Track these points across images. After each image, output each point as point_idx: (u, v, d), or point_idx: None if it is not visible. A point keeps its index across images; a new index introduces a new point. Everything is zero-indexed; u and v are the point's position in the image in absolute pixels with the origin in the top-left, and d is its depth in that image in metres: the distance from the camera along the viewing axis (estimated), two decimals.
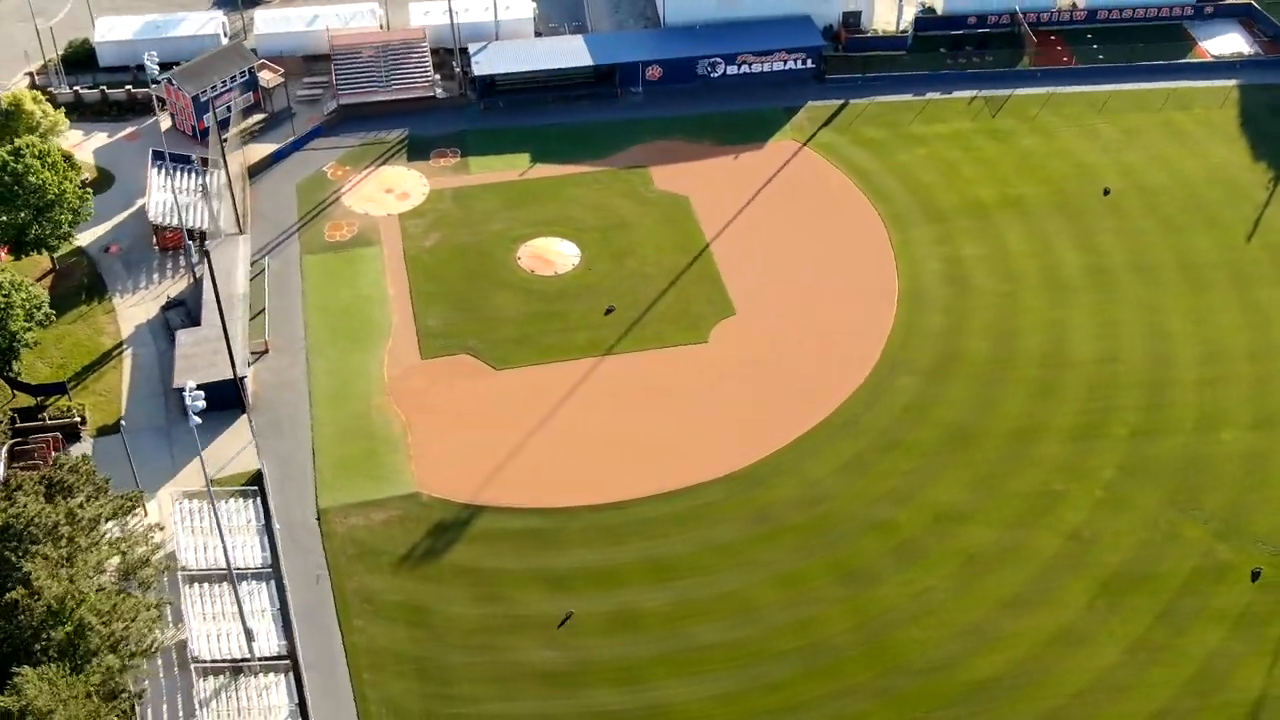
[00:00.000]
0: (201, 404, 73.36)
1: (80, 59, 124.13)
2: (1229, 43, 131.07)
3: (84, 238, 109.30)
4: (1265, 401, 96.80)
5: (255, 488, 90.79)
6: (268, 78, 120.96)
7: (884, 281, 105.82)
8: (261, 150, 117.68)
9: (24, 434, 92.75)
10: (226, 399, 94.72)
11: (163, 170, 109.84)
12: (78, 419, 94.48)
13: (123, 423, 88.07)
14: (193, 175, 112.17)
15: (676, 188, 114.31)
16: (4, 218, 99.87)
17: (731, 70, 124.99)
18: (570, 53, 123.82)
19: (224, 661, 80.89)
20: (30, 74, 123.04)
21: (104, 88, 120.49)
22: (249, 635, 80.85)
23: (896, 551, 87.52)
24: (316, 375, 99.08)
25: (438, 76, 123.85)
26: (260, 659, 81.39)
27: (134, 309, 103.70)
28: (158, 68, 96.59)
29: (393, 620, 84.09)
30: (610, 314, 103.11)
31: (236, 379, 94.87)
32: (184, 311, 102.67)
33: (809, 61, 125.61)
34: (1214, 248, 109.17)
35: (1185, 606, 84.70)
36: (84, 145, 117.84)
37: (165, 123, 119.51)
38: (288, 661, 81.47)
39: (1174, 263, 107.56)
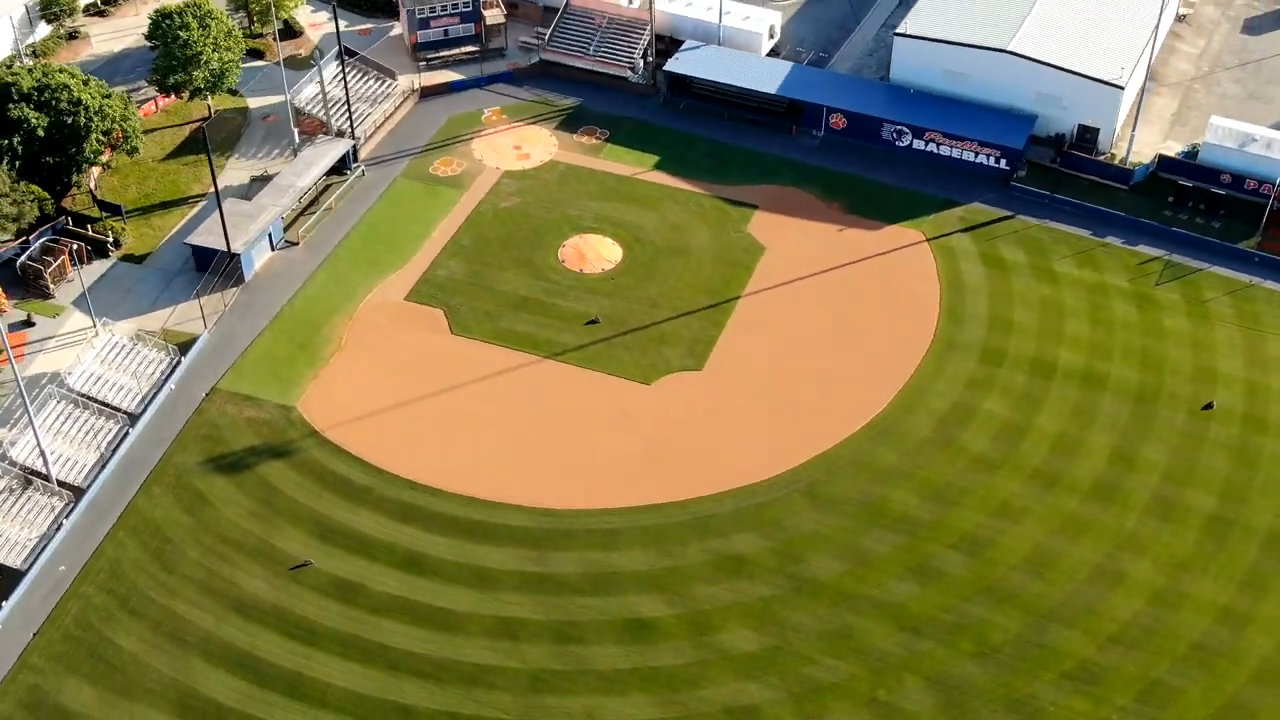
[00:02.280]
0: None
1: None
2: None
3: (256, 101, 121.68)
4: (1166, 693, 79.99)
5: (177, 348, 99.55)
6: (491, 14, 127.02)
7: (871, 401, 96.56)
8: (446, 77, 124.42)
9: (65, 235, 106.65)
10: (218, 267, 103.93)
11: (331, 65, 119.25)
12: (110, 240, 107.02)
13: (70, 278, 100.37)
14: (359, 77, 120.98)
15: (763, 236, 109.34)
16: (159, 61, 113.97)
17: (917, 144, 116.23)
18: (762, 77, 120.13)
19: (23, 469, 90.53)
20: None
21: None
22: (43, 456, 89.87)
23: (628, 648, 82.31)
24: (315, 279, 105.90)
25: (642, 62, 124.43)
26: (57, 482, 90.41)
27: (237, 172, 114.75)
28: None
29: (179, 500, 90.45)
30: (591, 325, 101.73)
31: (227, 251, 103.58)
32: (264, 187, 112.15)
33: (1002, 161, 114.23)
34: (1276, 517, 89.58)
35: None
36: (321, 27, 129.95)
37: (397, 29, 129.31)
38: (70, 495, 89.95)
39: (1208, 510, 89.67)
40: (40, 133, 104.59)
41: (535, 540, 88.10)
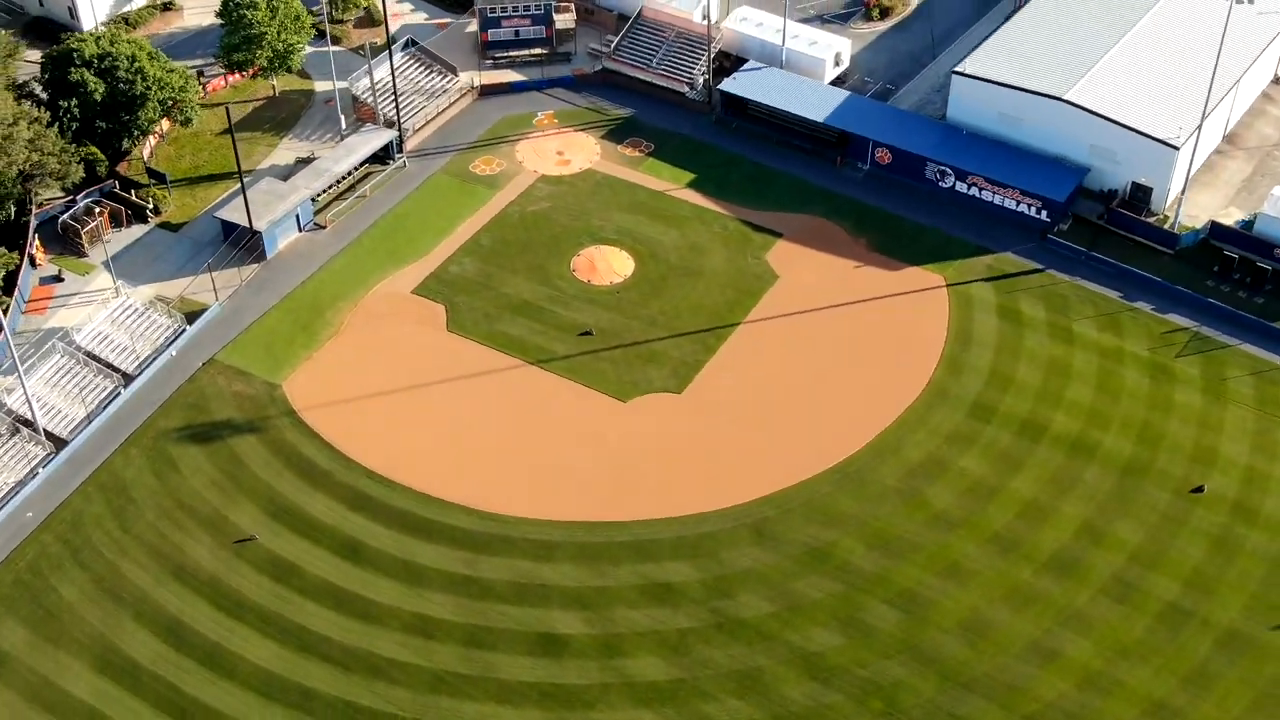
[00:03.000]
0: None
1: None
2: None
3: (325, 85, 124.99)
4: None
5: (184, 316, 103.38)
6: (562, 19, 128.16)
7: (843, 444, 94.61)
8: (508, 76, 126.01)
9: (110, 197, 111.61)
10: (238, 242, 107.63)
11: (392, 56, 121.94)
12: (150, 207, 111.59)
13: (107, 239, 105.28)
14: (422, 70, 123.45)
15: (780, 265, 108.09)
16: (224, 39, 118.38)
17: (960, 186, 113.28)
18: (815, 104, 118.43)
19: (16, 417, 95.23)
20: None
21: None
22: (30, 406, 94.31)
23: (536, 660, 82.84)
24: (333, 263, 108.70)
25: (702, 80, 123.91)
26: (44, 432, 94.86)
27: (286, 152, 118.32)
28: None
29: (150, 463, 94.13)
30: (583, 336, 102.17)
31: (249, 228, 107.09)
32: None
33: (1042, 212, 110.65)
34: (1240, 615, 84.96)
35: None
36: (403, 16, 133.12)
37: (474, 25, 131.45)
38: (53, 446, 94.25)
39: (1169, 598, 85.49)
40: (97, 97, 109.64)
41: (473, 543, 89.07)
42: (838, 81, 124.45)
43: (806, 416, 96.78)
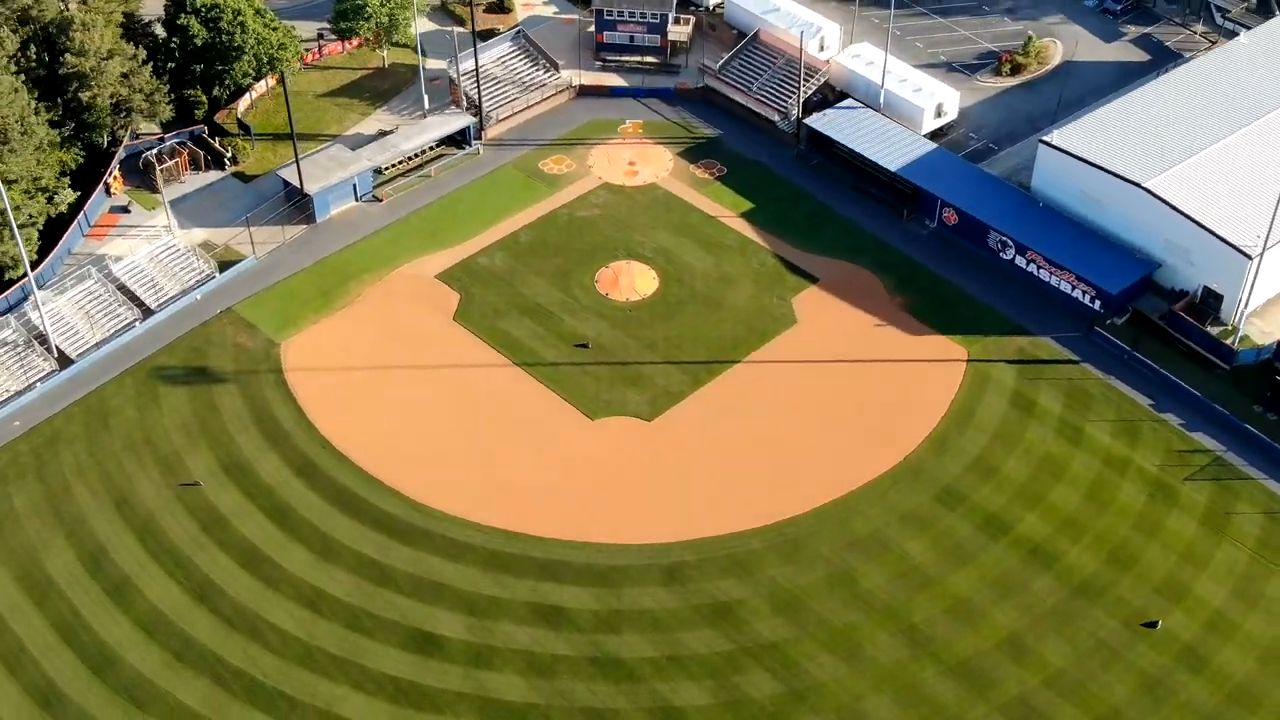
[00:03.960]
0: None
1: None
2: None
3: (436, 63, 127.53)
4: None
5: (216, 264, 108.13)
6: (676, 30, 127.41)
7: (793, 503, 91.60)
8: (608, 80, 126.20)
9: (197, 142, 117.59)
10: (291, 200, 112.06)
11: (500, 47, 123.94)
12: (228, 156, 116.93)
13: (183, 180, 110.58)
14: (525, 62, 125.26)
15: (804, 311, 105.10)
16: (335, 7, 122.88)
17: (1019, 260, 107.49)
18: (893, 153, 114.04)
19: (31, 328, 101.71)
20: None
21: None
22: (43, 323, 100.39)
23: (405, 655, 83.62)
24: (375, 236, 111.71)
25: (795, 112, 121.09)
26: (55, 349, 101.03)
27: (373, 122, 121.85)
28: None
29: (137, 396, 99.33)
30: (579, 348, 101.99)
31: (300, 190, 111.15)
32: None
33: (1095, 302, 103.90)
34: None
35: None
36: (534, 7, 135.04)
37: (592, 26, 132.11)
38: (58, 365, 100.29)
39: None
40: (198, 43, 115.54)
41: (394, 530, 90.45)
42: (939, 133, 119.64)
43: (765, 468, 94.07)
